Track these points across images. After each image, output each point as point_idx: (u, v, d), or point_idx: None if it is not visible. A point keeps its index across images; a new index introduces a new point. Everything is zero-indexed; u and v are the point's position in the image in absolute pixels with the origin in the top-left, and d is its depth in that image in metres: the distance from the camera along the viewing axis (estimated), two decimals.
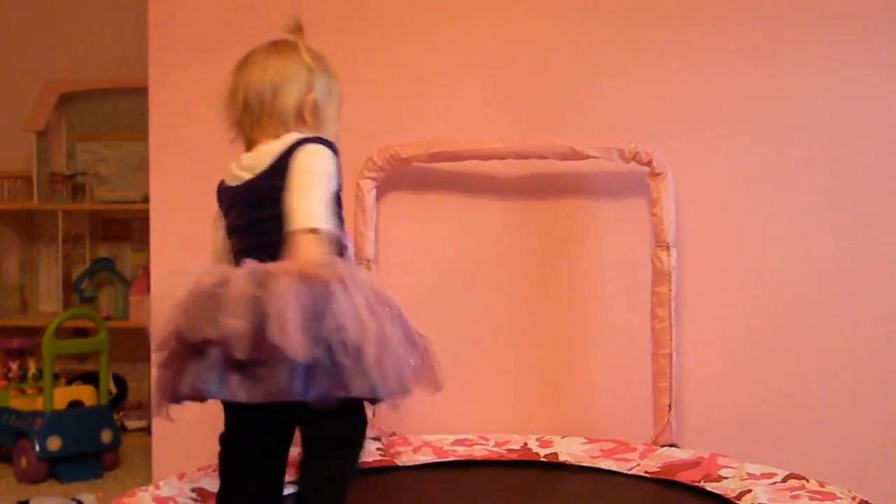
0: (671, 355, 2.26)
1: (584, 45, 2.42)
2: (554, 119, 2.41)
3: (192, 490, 1.98)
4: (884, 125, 2.32)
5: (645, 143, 2.26)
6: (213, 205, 2.58)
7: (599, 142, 2.28)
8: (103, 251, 3.65)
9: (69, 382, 3.15)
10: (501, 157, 2.33)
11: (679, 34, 2.38)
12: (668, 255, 2.26)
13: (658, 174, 2.26)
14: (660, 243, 2.27)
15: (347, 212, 2.38)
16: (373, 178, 2.39)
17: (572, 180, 2.43)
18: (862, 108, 2.32)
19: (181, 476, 2.04)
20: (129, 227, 3.61)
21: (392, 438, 2.26)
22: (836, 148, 2.33)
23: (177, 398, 1.45)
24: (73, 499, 2.37)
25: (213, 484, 2.01)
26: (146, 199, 2.76)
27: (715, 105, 2.37)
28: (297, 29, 1.67)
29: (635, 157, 2.26)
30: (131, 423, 3.38)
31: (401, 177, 2.45)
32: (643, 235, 2.34)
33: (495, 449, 2.26)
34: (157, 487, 1.98)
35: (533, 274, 2.46)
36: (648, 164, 2.26)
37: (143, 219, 2.95)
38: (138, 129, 3.16)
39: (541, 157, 2.31)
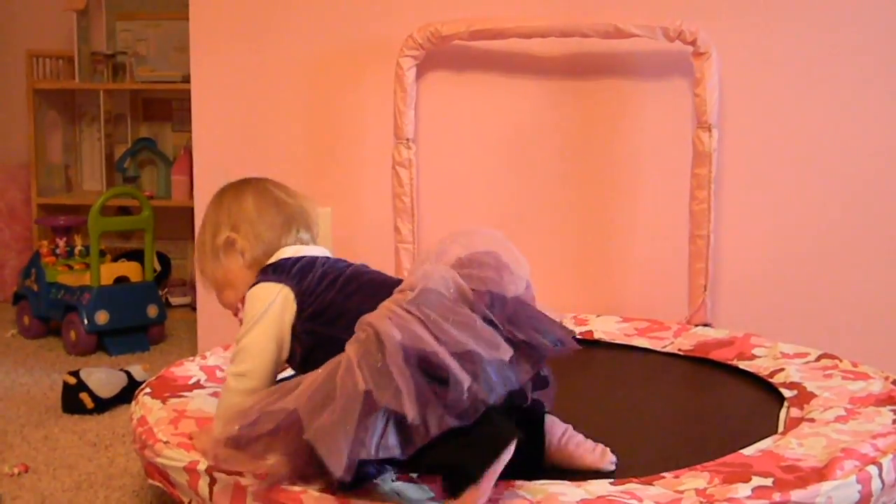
0: (708, 237, 2.27)
1: None
2: None
3: None
4: None
5: (689, 22, 2.22)
6: (254, 85, 2.60)
7: (643, 20, 2.24)
8: (144, 131, 3.68)
9: (115, 259, 3.22)
10: (543, 35, 2.31)
11: None
12: (710, 137, 2.24)
13: (702, 54, 2.23)
14: (701, 125, 2.25)
15: (388, 90, 2.40)
16: (413, 57, 2.37)
17: (614, 59, 2.40)
18: None
19: (227, 347, 2.10)
20: (170, 107, 3.63)
21: None
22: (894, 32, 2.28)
23: None
24: (122, 369, 2.44)
25: None
26: (186, 79, 2.77)
27: None
28: None
29: (679, 36, 2.22)
30: (175, 300, 3.46)
31: (441, 55, 2.43)
32: (685, 116, 2.32)
33: None
34: (204, 357, 2.05)
35: (572, 154, 2.46)
36: (693, 43, 2.23)
37: (184, 99, 2.96)
38: (177, 8, 3.15)
39: (583, 35, 2.28)
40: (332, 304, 1.46)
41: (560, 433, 1.45)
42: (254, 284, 1.52)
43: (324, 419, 1.24)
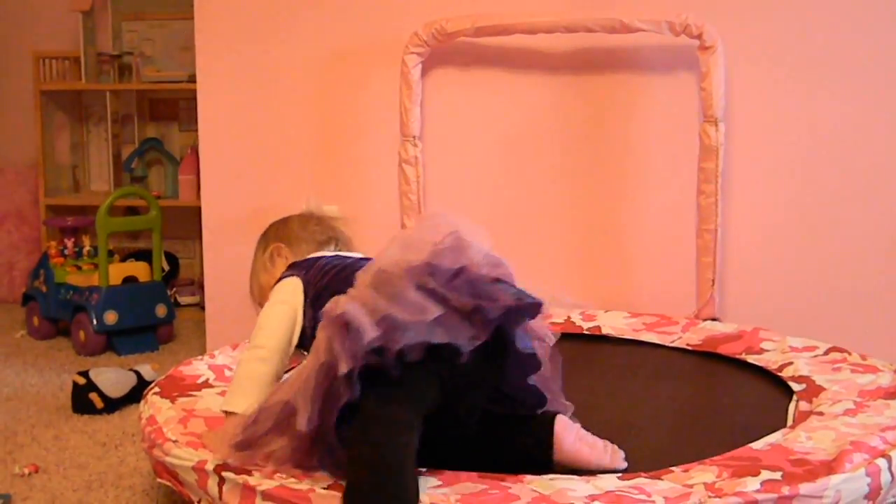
0: (716, 231, 2.27)
1: None
2: None
3: None
4: None
5: (695, 16, 2.22)
6: (260, 85, 2.61)
7: (648, 14, 2.24)
8: (151, 131, 3.69)
9: (123, 259, 3.22)
10: (549, 31, 2.31)
11: None
12: (717, 131, 2.24)
13: (708, 47, 2.23)
14: (708, 118, 2.24)
15: (394, 88, 2.40)
16: (418, 54, 2.38)
17: (620, 54, 2.40)
18: None
19: (235, 346, 2.11)
20: (176, 106, 3.63)
21: None
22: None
23: None
24: (131, 369, 2.45)
25: None
26: (192, 79, 2.77)
27: None
28: None
29: (685, 30, 2.22)
30: (184, 299, 3.46)
31: (447, 52, 2.43)
32: (691, 110, 2.32)
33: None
34: (212, 356, 2.05)
35: (579, 149, 2.46)
36: (698, 37, 2.22)
37: (190, 98, 2.96)
38: (183, 8, 3.15)
39: (588, 30, 2.28)
40: (327, 289, 1.56)
41: (572, 437, 1.45)
42: (277, 281, 1.68)
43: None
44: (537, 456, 1.42)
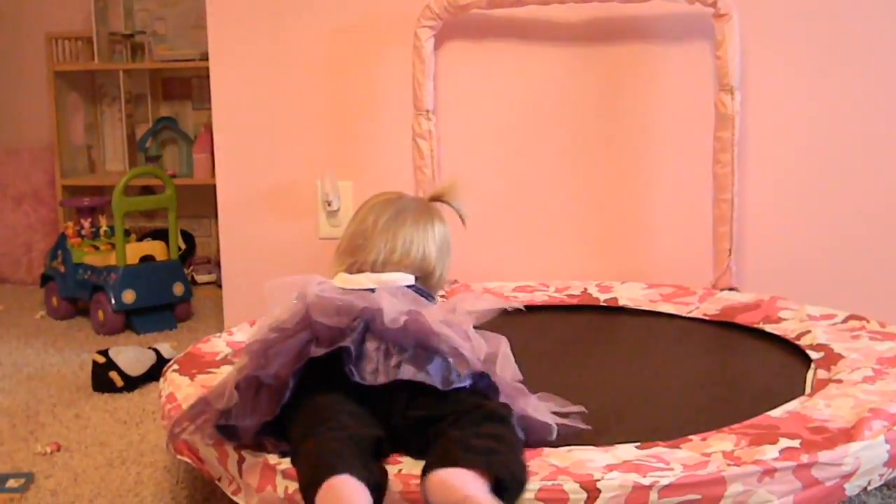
0: (732, 200, 2.25)
1: None
2: None
3: None
4: None
5: None
6: (272, 61, 2.60)
7: None
8: (165, 110, 3.69)
9: (140, 239, 3.24)
10: (561, 2, 2.29)
11: None
12: (732, 99, 2.22)
13: (723, 15, 2.20)
14: (723, 87, 2.23)
15: (406, 62, 2.39)
16: (430, 27, 2.36)
17: (634, 24, 2.38)
18: None
19: (253, 323, 2.11)
20: (189, 85, 3.63)
21: (454, 286, 2.31)
22: None
23: None
24: (150, 348, 2.46)
25: None
26: (205, 57, 2.77)
27: None
28: None
29: None
30: (201, 277, 3.48)
31: (459, 25, 2.42)
32: (707, 79, 2.30)
33: (556, 294, 2.30)
34: (231, 333, 2.06)
35: (594, 120, 2.45)
36: (713, 4, 2.20)
37: (203, 76, 2.97)
38: None
39: (602, 0, 2.26)
40: None
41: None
42: None
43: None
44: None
